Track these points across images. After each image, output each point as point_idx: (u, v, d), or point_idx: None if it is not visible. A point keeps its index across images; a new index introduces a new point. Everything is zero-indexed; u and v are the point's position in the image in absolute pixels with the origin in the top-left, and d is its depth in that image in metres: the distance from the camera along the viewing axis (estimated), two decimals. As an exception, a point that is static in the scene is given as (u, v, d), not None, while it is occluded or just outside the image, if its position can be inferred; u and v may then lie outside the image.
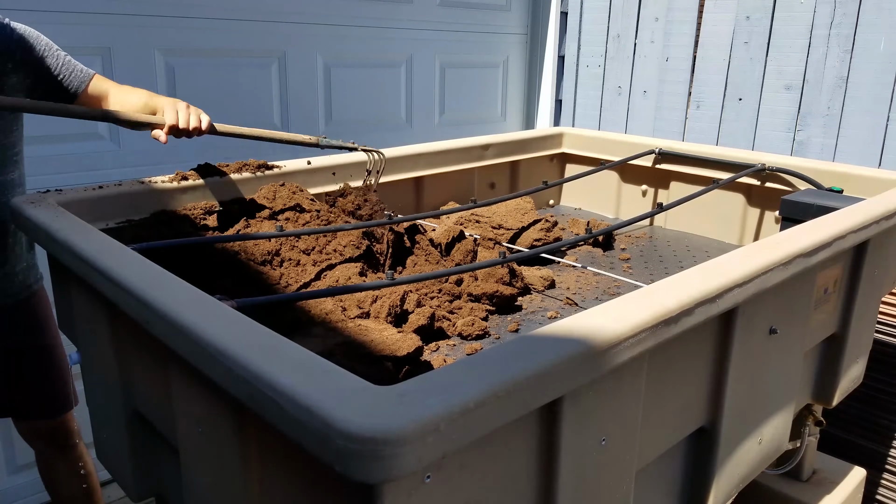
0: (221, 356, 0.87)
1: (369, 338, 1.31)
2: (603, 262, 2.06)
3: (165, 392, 1.15)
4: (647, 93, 3.66)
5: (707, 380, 1.29)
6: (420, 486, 0.77)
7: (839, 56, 2.97)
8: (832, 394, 1.80)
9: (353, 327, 1.36)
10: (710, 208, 2.42)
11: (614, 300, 1.07)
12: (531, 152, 2.73)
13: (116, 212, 1.68)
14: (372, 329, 1.35)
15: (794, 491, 2.07)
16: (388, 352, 1.25)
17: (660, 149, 2.56)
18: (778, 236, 1.44)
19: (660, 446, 1.22)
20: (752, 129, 3.28)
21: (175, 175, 1.81)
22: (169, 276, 1.14)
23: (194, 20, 2.43)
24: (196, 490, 1.12)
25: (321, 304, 1.43)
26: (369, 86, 3.38)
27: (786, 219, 1.97)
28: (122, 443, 1.38)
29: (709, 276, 1.18)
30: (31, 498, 2.65)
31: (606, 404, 1.02)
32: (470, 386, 0.78)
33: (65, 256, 1.31)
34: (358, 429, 0.70)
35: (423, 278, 1.38)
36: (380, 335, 1.32)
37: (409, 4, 3.42)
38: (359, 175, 2.15)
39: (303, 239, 1.64)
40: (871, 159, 2.92)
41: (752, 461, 1.48)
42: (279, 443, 0.90)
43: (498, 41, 3.92)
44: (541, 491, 0.96)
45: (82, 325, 1.46)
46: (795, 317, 1.50)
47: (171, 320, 0.98)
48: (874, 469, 2.56)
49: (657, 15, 3.56)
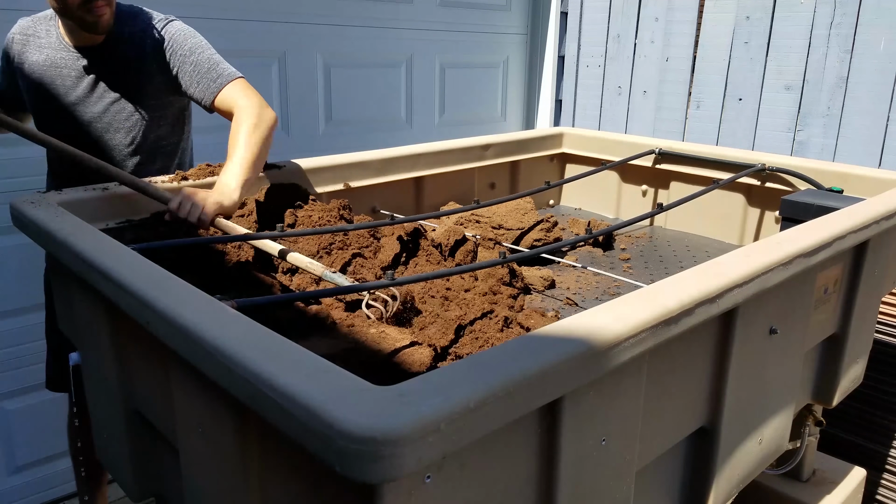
0: (221, 356, 0.87)
1: (369, 339, 1.31)
2: (603, 262, 2.06)
3: (165, 392, 1.15)
4: (647, 93, 3.66)
5: (707, 380, 1.29)
6: (420, 486, 0.77)
7: (839, 56, 2.97)
8: (832, 394, 1.80)
9: (353, 328, 1.36)
10: (710, 208, 2.42)
11: (614, 300, 1.07)
12: (531, 152, 2.73)
13: (116, 212, 1.68)
14: (372, 331, 1.35)
15: (794, 491, 2.07)
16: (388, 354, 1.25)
17: (660, 149, 2.56)
18: (778, 236, 1.44)
19: (660, 446, 1.22)
20: (752, 129, 3.28)
21: (175, 175, 1.81)
22: (169, 276, 1.14)
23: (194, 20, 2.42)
24: (196, 490, 1.12)
25: (321, 304, 1.43)
26: (369, 86, 3.38)
27: (786, 219, 1.97)
28: (122, 443, 1.38)
29: (709, 276, 1.18)
30: (31, 498, 2.65)
31: (606, 404, 1.02)
32: (470, 386, 0.78)
33: (65, 256, 1.31)
34: (358, 429, 0.70)
35: (424, 278, 1.38)
36: (380, 336, 1.32)
37: (409, 4, 3.42)
38: (360, 175, 2.15)
39: (303, 239, 1.64)
40: (871, 159, 2.92)
41: (752, 461, 1.48)
42: (279, 443, 0.90)
43: (498, 41, 3.92)
44: (541, 491, 0.96)
45: (82, 325, 1.46)
46: (795, 317, 1.50)
47: (171, 320, 0.98)
48: (874, 469, 2.56)
49: (657, 15, 3.56)
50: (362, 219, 1.87)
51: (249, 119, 1.79)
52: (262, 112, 1.82)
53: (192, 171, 1.84)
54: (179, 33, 1.88)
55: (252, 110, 1.80)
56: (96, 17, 1.76)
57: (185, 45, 1.87)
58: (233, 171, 1.71)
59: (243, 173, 1.71)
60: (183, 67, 1.87)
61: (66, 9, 1.74)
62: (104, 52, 1.86)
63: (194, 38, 1.90)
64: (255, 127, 1.78)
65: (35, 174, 2.42)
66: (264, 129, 1.80)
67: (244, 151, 1.74)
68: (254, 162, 1.75)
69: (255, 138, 1.76)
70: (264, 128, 1.80)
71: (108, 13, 1.78)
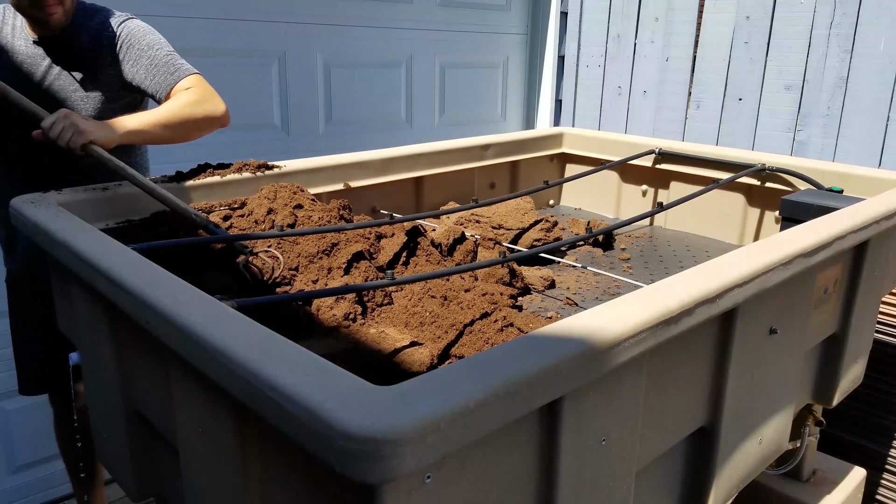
0: (221, 356, 0.87)
1: (369, 339, 1.31)
2: (603, 262, 2.06)
3: (165, 392, 1.15)
4: (647, 93, 3.66)
5: (707, 380, 1.29)
6: (420, 486, 0.77)
7: (839, 56, 2.97)
8: (832, 394, 1.80)
9: (353, 328, 1.36)
10: (710, 208, 2.42)
11: (614, 300, 1.07)
12: (531, 152, 2.73)
13: (116, 212, 1.68)
14: (372, 331, 1.35)
15: (794, 491, 2.07)
16: (388, 354, 1.25)
17: (660, 149, 2.56)
18: (778, 236, 1.44)
19: (660, 446, 1.22)
20: (752, 129, 3.28)
21: (175, 175, 1.81)
22: (169, 276, 1.14)
23: (194, 20, 2.43)
24: (196, 490, 1.12)
25: (321, 304, 1.43)
26: (369, 86, 3.38)
27: (786, 219, 1.97)
28: (122, 443, 1.38)
29: (709, 276, 1.18)
30: (31, 498, 2.65)
31: (606, 404, 1.02)
32: (470, 386, 0.78)
33: (65, 256, 1.31)
34: (358, 429, 0.70)
35: (424, 278, 1.38)
36: (380, 336, 1.32)
37: (409, 4, 3.42)
38: (360, 175, 2.15)
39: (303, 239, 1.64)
40: (871, 159, 2.92)
41: (752, 461, 1.48)
42: (279, 443, 0.90)
43: (498, 41, 3.92)
44: (541, 491, 0.96)
45: (82, 325, 1.46)
46: (795, 317, 1.50)
47: (171, 320, 0.98)
48: (874, 469, 2.56)
49: (657, 15, 3.56)
50: (362, 219, 1.87)
51: (189, 96, 1.83)
52: (208, 99, 1.85)
53: (192, 171, 1.84)
54: (138, 29, 1.91)
55: (198, 94, 1.84)
56: (47, 16, 1.79)
57: (143, 41, 1.90)
58: (133, 117, 1.76)
59: (139, 123, 1.74)
60: (139, 62, 1.89)
61: (18, 5, 1.79)
62: (62, 43, 1.89)
63: (152, 35, 1.93)
64: (188, 104, 1.81)
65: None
66: (198, 110, 1.82)
67: (159, 111, 1.78)
68: (159, 122, 1.76)
69: (180, 109, 1.79)
70: (199, 110, 1.82)
71: (59, 11, 1.80)
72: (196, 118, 1.82)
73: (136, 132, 1.74)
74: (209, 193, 1.83)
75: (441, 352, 1.31)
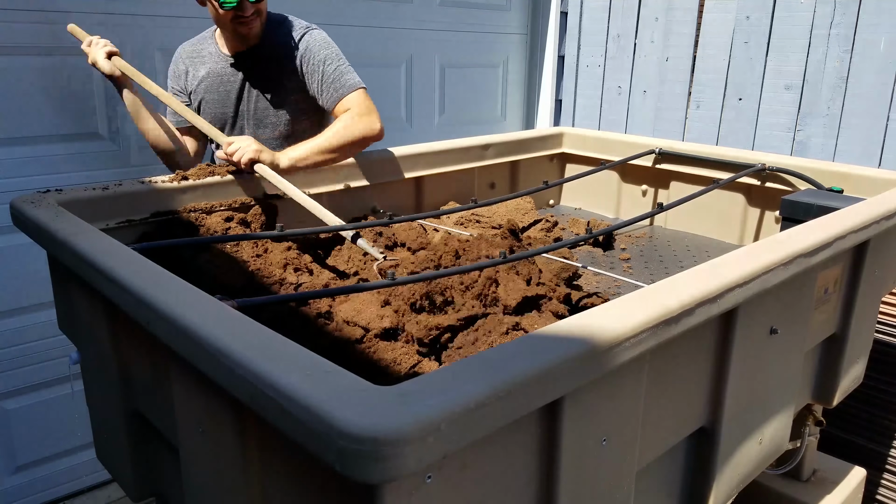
0: (222, 356, 0.87)
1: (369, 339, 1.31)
2: (603, 262, 2.06)
3: (165, 392, 1.14)
4: (647, 93, 3.66)
5: (707, 380, 1.29)
6: (421, 486, 0.77)
7: (839, 56, 2.97)
8: (832, 394, 1.80)
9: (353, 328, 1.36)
10: (710, 208, 2.42)
11: (614, 300, 1.07)
12: (531, 152, 2.73)
13: (116, 212, 1.68)
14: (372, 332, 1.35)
15: (794, 491, 2.07)
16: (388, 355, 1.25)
17: (660, 149, 2.56)
18: (778, 236, 1.44)
19: (660, 446, 1.22)
20: (752, 129, 3.28)
21: (175, 175, 1.81)
22: (169, 276, 1.14)
23: (194, 20, 2.42)
24: (196, 490, 1.12)
25: (320, 303, 1.43)
26: (369, 86, 3.36)
27: (786, 219, 1.97)
28: (122, 443, 1.38)
29: (709, 276, 1.18)
30: (31, 498, 2.65)
31: (607, 404, 1.02)
32: (470, 386, 0.78)
33: (65, 256, 1.31)
34: (359, 429, 0.69)
35: (423, 278, 1.38)
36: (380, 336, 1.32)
37: (409, 4, 3.42)
38: (359, 175, 2.15)
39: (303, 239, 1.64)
40: (871, 159, 2.92)
41: (752, 461, 1.48)
42: (280, 443, 0.90)
43: (498, 41, 3.92)
44: (541, 491, 0.96)
45: (82, 325, 1.46)
46: (796, 317, 1.50)
47: (172, 320, 0.98)
48: (874, 469, 2.56)
49: (657, 15, 3.56)
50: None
51: (346, 120, 2.02)
52: (363, 118, 2.03)
53: (192, 171, 1.84)
54: (315, 43, 2.11)
55: (354, 113, 2.03)
56: (248, 30, 2.02)
57: (319, 55, 2.09)
58: (298, 146, 1.96)
59: (303, 151, 1.95)
60: (314, 76, 2.10)
61: (220, 21, 2.03)
62: (254, 57, 2.12)
63: (326, 49, 2.11)
64: (344, 128, 2.00)
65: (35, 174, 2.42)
66: (355, 132, 2.00)
67: (320, 139, 1.98)
68: (320, 148, 1.96)
69: (337, 136, 1.98)
70: (355, 132, 2.00)
71: (257, 25, 2.04)
72: (353, 140, 2.01)
73: (301, 159, 1.94)
74: (209, 193, 1.83)
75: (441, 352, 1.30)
